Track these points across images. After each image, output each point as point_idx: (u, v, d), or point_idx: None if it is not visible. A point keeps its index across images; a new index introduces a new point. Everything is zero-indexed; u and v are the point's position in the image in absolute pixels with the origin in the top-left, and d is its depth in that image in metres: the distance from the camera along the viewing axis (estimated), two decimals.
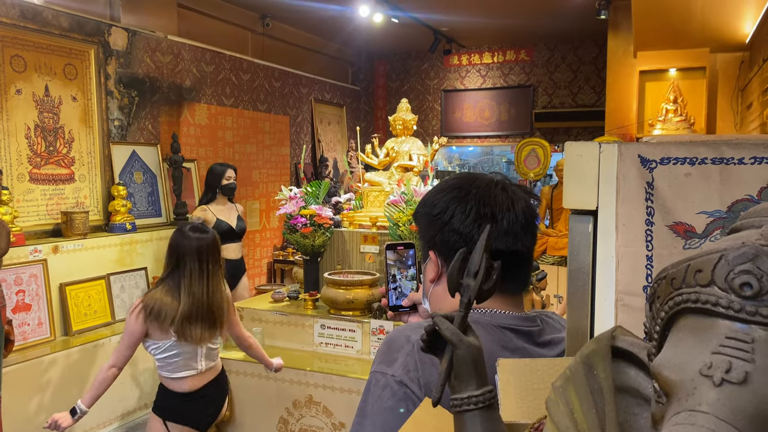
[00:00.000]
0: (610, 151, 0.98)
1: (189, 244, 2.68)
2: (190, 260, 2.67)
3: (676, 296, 0.51)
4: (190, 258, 2.67)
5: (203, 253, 2.69)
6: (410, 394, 1.03)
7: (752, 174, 0.90)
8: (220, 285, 2.77)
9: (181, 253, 2.68)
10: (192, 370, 2.73)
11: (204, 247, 2.70)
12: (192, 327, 2.65)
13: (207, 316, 2.68)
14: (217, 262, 2.76)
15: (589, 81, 8.57)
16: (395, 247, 1.31)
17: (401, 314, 1.29)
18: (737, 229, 0.56)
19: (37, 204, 4.49)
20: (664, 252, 0.94)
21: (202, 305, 2.67)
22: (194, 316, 2.65)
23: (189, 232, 2.73)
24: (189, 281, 2.66)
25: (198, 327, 2.66)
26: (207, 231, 2.77)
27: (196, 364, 2.74)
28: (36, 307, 4.09)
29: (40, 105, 4.50)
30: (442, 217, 1.12)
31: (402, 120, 4.08)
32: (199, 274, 2.67)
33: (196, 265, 2.67)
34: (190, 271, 2.67)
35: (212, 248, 2.74)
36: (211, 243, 2.74)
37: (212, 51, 6.42)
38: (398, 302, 1.28)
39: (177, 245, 2.71)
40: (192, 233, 2.72)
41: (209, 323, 2.70)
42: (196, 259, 2.67)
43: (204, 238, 2.72)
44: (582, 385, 0.59)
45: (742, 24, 5.23)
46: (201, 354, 2.74)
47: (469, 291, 0.81)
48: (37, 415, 3.77)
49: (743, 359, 0.45)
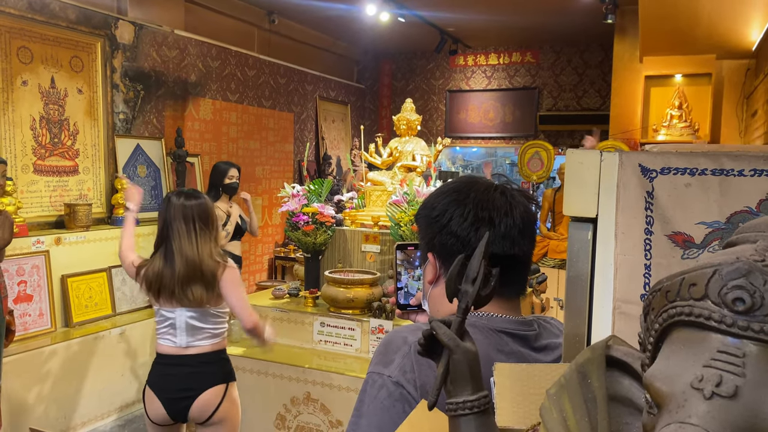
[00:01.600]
0: (611, 160, 0.99)
1: (174, 209, 2.64)
2: (176, 223, 2.62)
3: (670, 309, 0.51)
4: (176, 221, 2.62)
5: (189, 215, 2.63)
6: (406, 395, 1.04)
7: (752, 186, 0.91)
8: (212, 250, 2.66)
9: (169, 219, 2.64)
10: (170, 342, 2.66)
11: (189, 210, 2.64)
12: (184, 289, 2.59)
13: (199, 277, 2.60)
14: (207, 224, 2.67)
15: (595, 85, 8.57)
16: (405, 247, 1.32)
17: (409, 313, 1.30)
18: (733, 243, 0.56)
19: (41, 195, 4.51)
20: (663, 261, 0.95)
21: (193, 264, 2.59)
22: (186, 276, 2.59)
23: (174, 197, 2.68)
24: (178, 242, 2.61)
25: (192, 288, 2.60)
26: (196, 197, 2.70)
27: (176, 337, 2.65)
28: (37, 298, 4.11)
29: (45, 97, 4.52)
30: (440, 219, 1.13)
31: (406, 120, 4.09)
32: (187, 234, 2.61)
33: (182, 226, 2.61)
34: (177, 232, 2.62)
35: (201, 211, 2.66)
36: (198, 206, 2.66)
37: (218, 46, 6.43)
38: (406, 301, 1.29)
39: (163, 212, 2.67)
40: (176, 199, 2.67)
41: (202, 283, 2.61)
42: (182, 221, 2.61)
43: (189, 203, 2.65)
44: (576, 393, 0.60)
45: (748, 31, 5.22)
46: (181, 327, 2.64)
47: (467, 297, 0.82)
48: (37, 405, 3.79)
49: (734, 373, 0.45)
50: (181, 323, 2.65)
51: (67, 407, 3.99)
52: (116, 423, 4.28)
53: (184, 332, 2.65)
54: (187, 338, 2.66)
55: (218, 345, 2.75)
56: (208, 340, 2.70)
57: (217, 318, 2.73)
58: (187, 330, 2.66)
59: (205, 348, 2.70)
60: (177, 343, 2.66)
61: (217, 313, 2.72)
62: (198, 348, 2.68)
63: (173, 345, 2.67)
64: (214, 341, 2.72)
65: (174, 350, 2.67)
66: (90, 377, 4.13)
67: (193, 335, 2.67)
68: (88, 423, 4.14)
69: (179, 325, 2.65)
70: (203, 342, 2.69)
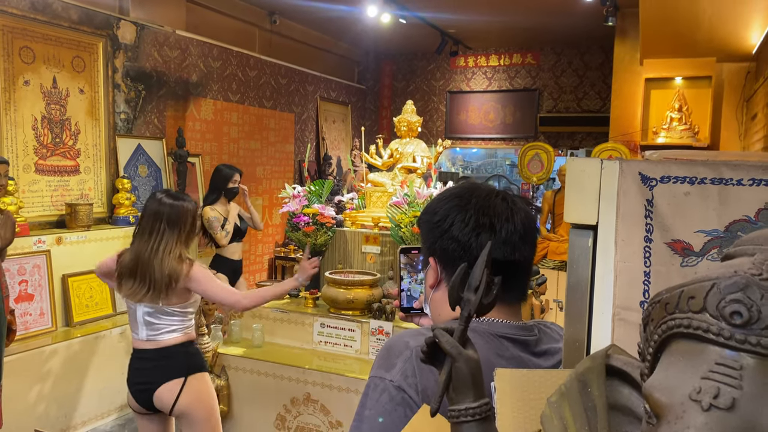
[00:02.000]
0: (612, 168, 1.00)
1: (151, 206, 2.67)
2: (145, 221, 2.65)
3: (669, 320, 0.53)
4: (145, 218, 2.66)
5: (159, 215, 2.63)
6: (408, 400, 1.05)
7: (750, 195, 0.92)
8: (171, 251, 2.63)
9: (143, 215, 2.68)
10: (135, 335, 2.72)
11: (164, 209, 2.64)
12: (126, 281, 2.63)
13: (144, 276, 2.60)
14: (174, 227, 2.64)
15: (595, 86, 8.58)
16: (409, 251, 1.34)
17: (412, 316, 1.32)
18: (731, 256, 0.57)
19: (42, 195, 4.52)
20: (662, 269, 0.96)
21: (140, 262, 2.60)
22: (129, 271, 2.61)
23: (158, 194, 2.70)
24: (137, 238, 2.65)
25: (131, 282, 2.61)
26: (179, 198, 2.70)
27: (138, 331, 2.69)
28: (38, 298, 4.11)
29: (47, 97, 4.53)
30: (442, 224, 1.15)
31: (407, 121, 4.10)
32: (149, 232, 2.63)
33: (149, 224, 2.63)
34: (142, 229, 2.65)
35: (174, 213, 2.65)
36: (174, 207, 2.66)
37: (219, 47, 6.44)
38: (409, 304, 1.30)
39: (143, 208, 2.72)
40: (161, 195, 2.69)
41: (146, 284, 2.60)
42: (151, 219, 2.64)
43: (167, 203, 2.65)
44: (576, 401, 0.61)
45: (749, 35, 5.23)
46: (140, 321, 2.67)
47: (469, 305, 0.83)
48: (38, 405, 3.80)
49: (731, 385, 0.46)
50: (140, 317, 2.68)
51: (68, 406, 4.00)
52: (116, 422, 4.29)
53: (143, 326, 2.69)
54: (146, 332, 2.69)
55: (179, 339, 2.72)
56: (167, 334, 2.70)
57: (173, 316, 2.70)
58: (145, 324, 2.68)
59: (164, 342, 2.70)
60: (139, 335, 2.71)
61: (172, 311, 2.69)
62: (156, 342, 2.69)
63: (137, 338, 2.73)
64: (173, 336, 2.71)
65: (138, 343, 2.73)
66: (90, 376, 4.14)
67: (152, 329, 2.69)
68: (89, 422, 4.15)
69: (138, 318, 2.69)
70: (162, 336, 2.70)
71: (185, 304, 2.73)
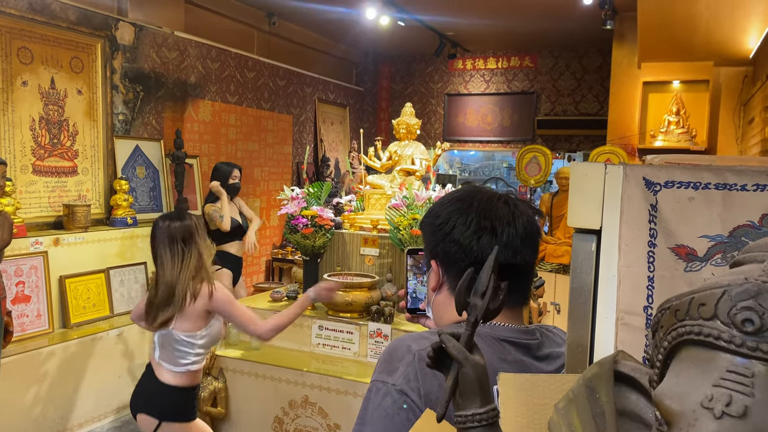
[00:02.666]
0: (616, 173, 1.00)
1: (160, 233, 2.65)
2: (162, 249, 2.63)
3: (679, 327, 0.52)
4: (161, 248, 2.63)
5: (173, 237, 2.63)
6: (410, 404, 1.05)
7: (754, 201, 0.92)
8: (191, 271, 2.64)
9: (156, 245, 2.66)
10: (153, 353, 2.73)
11: (174, 232, 2.64)
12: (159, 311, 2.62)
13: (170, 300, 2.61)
14: (188, 245, 2.65)
15: (593, 90, 8.60)
16: (415, 252, 1.34)
17: (418, 317, 1.32)
18: (740, 262, 0.57)
19: (40, 196, 4.50)
20: (666, 274, 0.96)
21: (170, 289, 2.60)
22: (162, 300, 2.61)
23: (159, 221, 2.70)
24: (162, 271, 2.63)
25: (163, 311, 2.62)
26: (180, 218, 2.70)
27: (154, 350, 2.71)
28: (35, 299, 4.10)
29: (45, 97, 4.52)
30: (443, 227, 1.15)
31: (405, 124, 4.10)
32: (171, 257, 2.62)
33: (167, 251, 2.62)
34: (162, 260, 2.63)
35: (183, 232, 2.65)
36: (182, 227, 2.66)
37: (218, 48, 6.44)
38: (415, 306, 1.31)
39: (152, 239, 2.70)
40: (161, 222, 2.68)
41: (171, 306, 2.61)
42: (167, 245, 2.62)
43: (173, 225, 2.65)
44: (584, 408, 0.61)
45: (746, 39, 5.25)
46: (156, 341, 2.68)
47: (476, 310, 0.83)
48: (34, 406, 3.79)
49: (743, 393, 0.46)
50: (156, 337, 2.71)
51: (65, 408, 3.99)
52: (113, 424, 4.28)
53: (158, 347, 2.70)
54: (159, 353, 2.69)
55: (178, 381, 2.68)
56: (169, 364, 2.67)
57: (181, 346, 2.65)
58: (159, 346, 2.70)
59: (163, 377, 2.67)
60: (154, 355, 2.72)
61: (180, 339, 2.64)
62: (159, 370, 2.68)
63: (153, 355, 2.74)
64: (174, 369, 2.67)
65: (152, 360, 2.73)
66: (87, 378, 4.13)
67: (162, 355, 2.68)
68: (85, 424, 4.13)
69: (155, 339, 2.72)
70: (166, 365, 2.67)
71: (195, 334, 2.66)
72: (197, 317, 2.65)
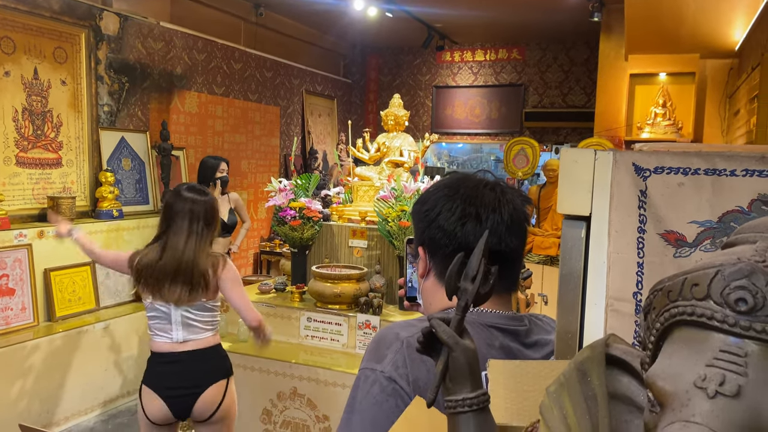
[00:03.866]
0: (605, 159, 0.99)
1: (181, 204, 2.60)
2: (180, 219, 2.58)
3: (672, 308, 0.52)
4: (180, 217, 2.58)
5: (195, 213, 2.59)
6: (399, 390, 1.05)
7: (743, 186, 0.92)
8: (208, 249, 2.64)
9: (173, 213, 2.60)
10: (166, 338, 2.62)
11: (197, 207, 2.60)
12: (170, 285, 2.56)
13: (187, 277, 2.57)
14: (210, 225, 2.64)
15: (580, 82, 8.62)
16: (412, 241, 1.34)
17: (417, 305, 1.32)
18: (732, 244, 0.57)
19: (23, 188, 4.44)
20: (655, 259, 0.96)
21: (183, 264, 2.55)
22: (173, 273, 2.55)
23: (185, 192, 2.64)
24: (175, 238, 2.58)
25: (177, 286, 2.56)
26: (205, 193, 2.67)
27: (171, 333, 2.61)
28: (20, 292, 4.05)
29: (28, 88, 4.45)
30: (430, 214, 1.16)
31: (394, 115, 4.08)
32: (187, 233, 2.58)
33: (185, 224, 2.58)
34: (178, 228, 2.58)
35: (206, 210, 2.63)
36: (205, 204, 2.63)
37: (204, 39, 6.38)
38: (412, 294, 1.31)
39: (170, 205, 2.63)
40: (187, 193, 2.62)
41: (189, 285, 2.57)
42: (186, 218, 2.58)
43: (198, 200, 2.61)
44: (576, 391, 0.60)
45: (732, 31, 5.28)
46: (177, 321, 2.60)
47: (466, 295, 0.82)
48: (19, 400, 3.75)
49: (737, 372, 0.46)
50: (177, 318, 2.61)
51: (50, 402, 3.95)
52: (100, 418, 4.25)
53: (180, 327, 2.61)
54: (183, 333, 2.62)
55: (214, 339, 2.73)
56: (203, 333, 2.67)
57: (212, 312, 2.70)
58: (183, 325, 2.62)
59: (202, 343, 2.66)
60: (173, 338, 2.62)
61: (212, 306, 2.69)
62: (195, 343, 2.64)
63: (169, 341, 2.62)
64: (209, 335, 2.70)
65: (170, 347, 2.62)
66: (73, 372, 4.09)
67: (190, 330, 2.63)
68: (72, 418, 4.10)
69: (174, 319, 2.61)
70: (199, 336, 2.66)
71: (217, 298, 2.71)
72: (215, 287, 2.68)
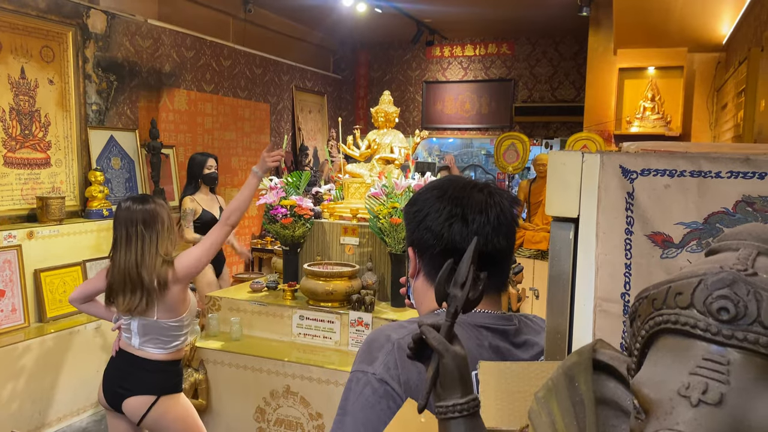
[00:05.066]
0: (593, 161, 1.00)
1: (118, 214, 2.63)
2: (118, 230, 2.61)
3: (656, 316, 0.53)
4: (118, 228, 2.62)
5: (131, 221, 2.59)
6: (391, 392, 1.06)
7: (728, 187, 0.93)
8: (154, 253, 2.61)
9: (114, 225, 2.64)
10: (127, 339, 2.68)
11: (133, 215, 2.60)
12: (118, 297, 2.59)
13: (135, 286, 2.57)
14: (150, 228, 2.61)
15: (569, 76, 8.64)
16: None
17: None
18: (715, 251, 0.58)
19: (12, 188, 4.41)
20: (643, 261, 0.97)
21: (128, 273, 2.56)
22: (119, 284, 2.58)
23: (121, 203, 2.66)
24: (116, 252, 2.61)
25: (124, 295, 2.58)
26: (145, 202, 2.66)
27: (131, 339, 2.66)
28: (10, 293, 4.03)
29: (15, 88, 4.42)
30: (418, 215, 1.17)
31: (384, 112, 4.08)
32: (126, 242, 2.59)
33: (123, 233, 2.59)
34: (116, 240, 2.61)
35: (145, 216, 2.61)
36: (144, 211, 2.61)
37: (193, 36, 6.34)
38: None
39: (114, 218, 2.67)
40: (123, 203, 2.65)
41: (140, 294, 2.58)
42: (123, 227, 2.60)
43: (135, 208, 2.61)
44: (564, 396, 0.61)
45: (719, 25, 5.31)
46: (135, 330, 2.64)
47: (456, 301, 0.83)
48: (11, 402, 3.74)
49: (719, 381, 0.47)
50: (135, 327, 2.67)
51: (42, 403, 3.94)
52: (92, 418, 4.24)
53: (137, 335, 2.67)
54: (140, 340, 2.67)
55: (166, 356, 2.72)
56: (158, 348, 2.70)
57: (168, 331, 2.69)
58: (139, 334, 2.67)
59: (154, 356, 2.69)
60: (132, 343, 2.69)
61: (168, 325, 2.68)
62: (147, 354, 2.68)
63: (129, 343, 2.70)
64: (164, 351, 2.71)
65: (129, 348, 2.69)
66: (65, 372, 4.08)
67: (146, 340, 2.68)
68: (64, 419, 4.09)
69: (133, 328, 2.67)
70: (154, 349, 2.69)
71: (179, 318, 2.71)
72: (177, 302, 2.68)
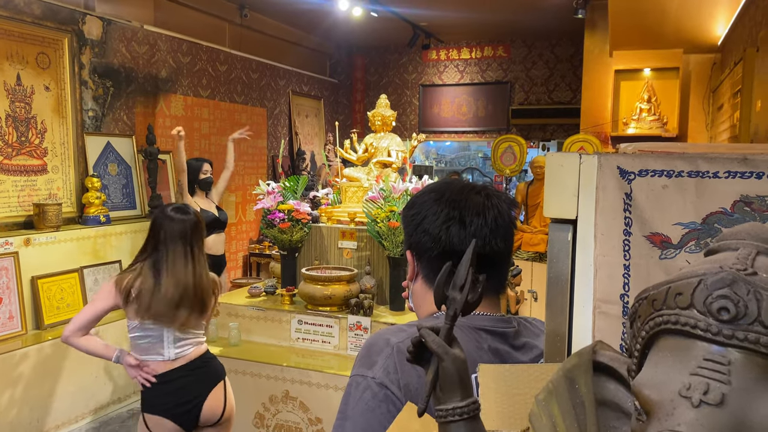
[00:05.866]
0: (590, 163, 1.00)
1: (172, 225, 2.55)
2: (173, 242, 2.54)
3: (656, 317, 0.53)
4: (172, 240, 2.54)
5: (187, 235, 2.56)
6: (390, 396, 1.05)
7: (726, 188, 0.93)
8: (206, 268, 2.66)
9: (164, 235, 2.55)
10: (157, 357, 2.60)
11: (188, 228, 2.57)
12: (175, 311, 2.54)
13: (194, 302, 2.58)
14: (200, 244, 2.63)
15: (566, 78, 8.66)
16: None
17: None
18: (714, 251, 0.58)
19: (9, 195, 4.40)
20: (641, 262, 0.97)
21: (188, 290, 2.55)
22: (179, 299, 2.53)
23: (172, 212, 2.58)
24: (173, 265, 2.53)
25: (184, 312, 2.56)
26: (190, 212, 2.63)
27: (163, 351, 2.60)
28: (7, 301, 4.02)
29: (11, 94, 4.41)
30: (416, 218, 1.17)
31: (381, 116, 4.08)
32: (183, 256, 2.55)
33: (179, 247, 2.54)
34: (174, 253, 2.54)
35: (196, 230, 2.61)
36: (195, 224, 2.61)
37: (189, 41, 6.34)
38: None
39: (159, 226, 2.57)
40: (175, 214, 2.58)
41: (197, 309, 2.60)
42: (179, 241, 2.54)
43: (188, 220, 2.58)
44: (564, 398, 0.61)
45: (714, 26, 5.33)
46: (169, 341, 2.60)
47: (455, 304, 0.83)
48: (9, 409, 3.72)
49: (720, 381, 0.47)
50: (168, 338, 2.61)
51: (41, 410, 3.92)
52: (91, 425, 4.22)
53: (171, 346, 2.62)
54: (175, 350, 2.63)
55: (203, 348, 2.77)
56: (195, 347, 2.71)
57: (200, 329, 2.76)
58: (174, 343, 2.63)
59: (193, 354, 2.68)
60: (165, 356, 2.61)
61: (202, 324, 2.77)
62: (186, 357, 2.66)
63: (161, 359, 2.61)
64: (201, 346, 2.75)
65: (163, 366, 2.61)
66: (63, 380, 4.06)
67: (180, 346, 2.65)
68: (62, 426, 4.07)
69: (167, 339, 2.61)
70: (191, 350, 2.68)
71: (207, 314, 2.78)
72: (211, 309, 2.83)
